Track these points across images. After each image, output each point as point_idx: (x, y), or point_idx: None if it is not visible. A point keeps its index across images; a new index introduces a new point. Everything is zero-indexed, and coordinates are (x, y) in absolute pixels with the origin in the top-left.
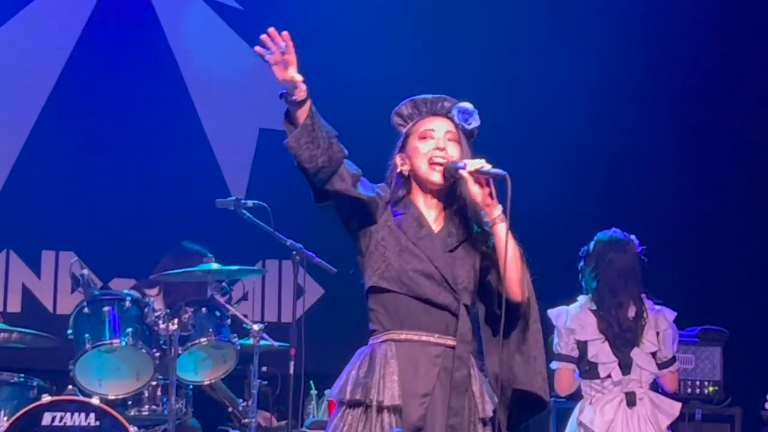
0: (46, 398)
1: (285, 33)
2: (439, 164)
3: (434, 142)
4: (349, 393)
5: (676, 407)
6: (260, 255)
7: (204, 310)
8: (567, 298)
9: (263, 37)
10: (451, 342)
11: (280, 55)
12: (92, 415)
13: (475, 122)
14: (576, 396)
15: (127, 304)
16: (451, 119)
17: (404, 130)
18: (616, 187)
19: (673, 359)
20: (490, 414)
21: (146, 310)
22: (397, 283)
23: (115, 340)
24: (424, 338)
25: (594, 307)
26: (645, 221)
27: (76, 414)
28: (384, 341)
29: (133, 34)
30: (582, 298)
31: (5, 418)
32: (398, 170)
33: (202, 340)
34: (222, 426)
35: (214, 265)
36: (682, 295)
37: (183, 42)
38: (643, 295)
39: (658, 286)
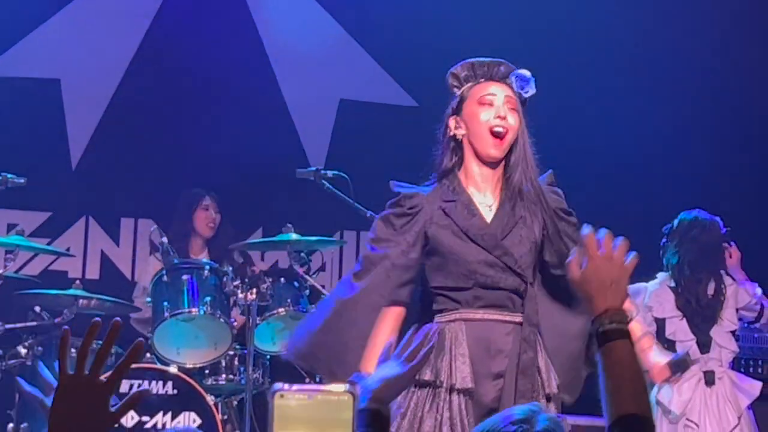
0: None
1: None
2: (499, 134)
3: (494, 110)
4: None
5: (756, 387)
6: (338, 226)
7: (282, 280)
8: (646, 276)
9: None
10: (518, 319)
11: None
12: (170, 384)
13: (531, 90)
14: None
15: (206, 273)
16: (509, 85)
17: (458, 92)
18: (699, 165)
19: (761, 314)
20: (555, 390)
21: (225, 279)
22: (462, 279)
23: (193, 309)
24: (494, 317)
25: (673, 284)
26: (732, 202)
27: (153, 382)
28: (453, 320)
29: (214, 3)
30: (661, 275)
31: None
32: (452, 133)
33: (281, 310)
34: None
35: (294, 235)
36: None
37: (265, 12)
38: (723, 272)
39: (746, 264)
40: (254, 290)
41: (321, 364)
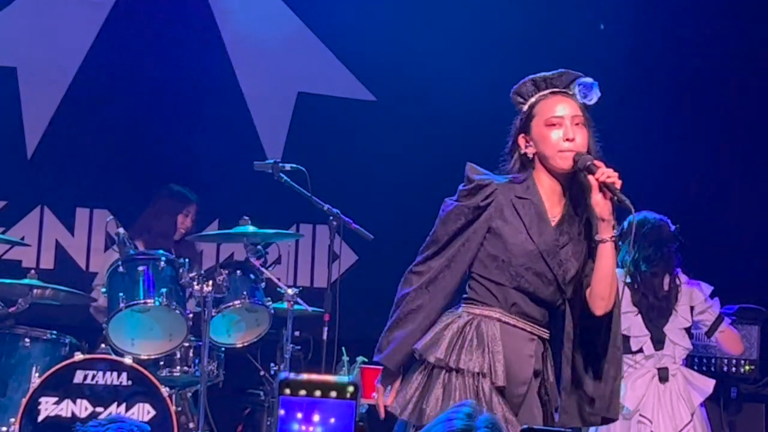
0: (78, 356)
1: None
2: (569, 157)
3: (562, 132)
4: (452, 361)
5: (709, 384)
6: (295, 219)
7: (239, 272)
8: None
9: None
10: (544, 334)
11: None
12: (124, 375)
13: (596, 96)
14: None
15: (162, 264)
16: (573, 97)
17: (524, 108)
18: (651, 165)
19: (720, 319)
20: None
21: (181, 270)
22: (508, 277)
23: (149, 300)
24: (522, 325)
25: (628, 280)
26: (681, 198)
27: (108, 373)
28: (488, 317)
29: None
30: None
31: (37, 375)
32: (523, 151)
33: (236, 302)
34: (252, 389)
35: (250, 228)
36: (720, 274)
37: (223, 3)
38: (678, 270)
39: (696, 264)
40: (210, 282)
41: None
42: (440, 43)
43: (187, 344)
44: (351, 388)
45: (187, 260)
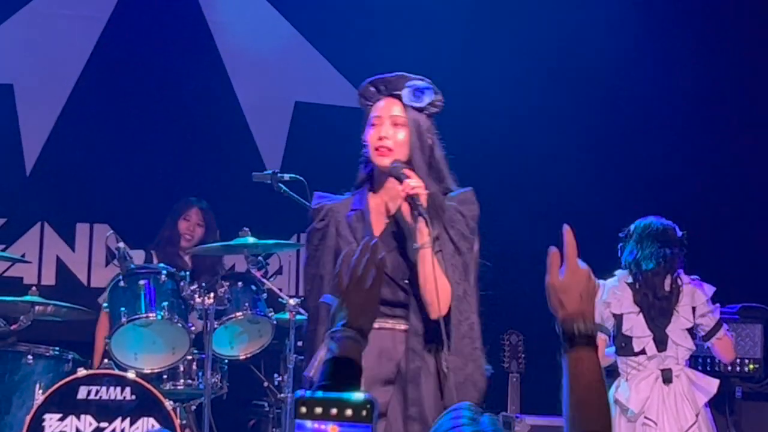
0: (81, 372)
1: None
2: (384, 154)
3: (378, 130)
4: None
5: (713, 384)
6: (295, 229)
7: (240, 284)
8: (604, 275)
9: None
10: (406, 327)
11: None
12: (128, 389)
13: (427, 98)
14: (614, 374)
15: (163, 277)
16: (402, 99)
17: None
18: (654, 166)
19: (719, 325)
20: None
21: (182, 283)
22: None
23: (150, 314)
24: (384, 325)
25: (630, 280)
26: (684, 197)
27: (111, 388)
28: None
29: (167, 6)
30: (619, 272)
31: (41, 392)
32: (362, 156)
33: (238, 314)
34: (257, 401)
35: (251, 239)
36: (723, 273)
37: (218, 14)
38: (680, 271)
39: (698, 263)
40: (211, 294)
41: None
42: (437, 50)
43: (190, 357)
44: (368, 406)
45: (187, 273)
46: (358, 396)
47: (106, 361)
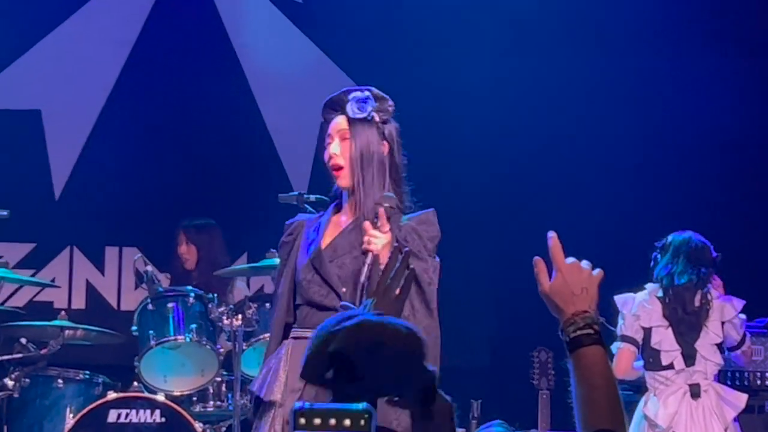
0: (111, 395)
1: None
2: (334, 167)
3: (329, 149)
4: (257, 391)
5: (742, 399)
6: None
7: (267, 305)
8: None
9: None
10: None
11: None
12: (158, 412)
13: (370, 107)
14: (642, 389)
15: (191, 300)
16: (347, 112)
17: None
18: (687, 179)
19: (743, 340)
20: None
21: (210, 306)
22: (300, 296)
23: (179, 337)
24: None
25: (661, 294)
26: (715, 211)
27: (141, 411)
28: (289, 338)
29: (193, 29)
30: (650, 286)
31: (71, 416)
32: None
33: (266, 335)
34: None
35: (277, 260)
36: (752, 286)
37: (243, 36)
38: (710, 286)
39: (728, 276)
40: (239, 316)
41: None
42: (461, 70)
43: (219, 379)
44: (366, 416)
45: (215, 295)
46: (356, 406)
47: (135, 384)
